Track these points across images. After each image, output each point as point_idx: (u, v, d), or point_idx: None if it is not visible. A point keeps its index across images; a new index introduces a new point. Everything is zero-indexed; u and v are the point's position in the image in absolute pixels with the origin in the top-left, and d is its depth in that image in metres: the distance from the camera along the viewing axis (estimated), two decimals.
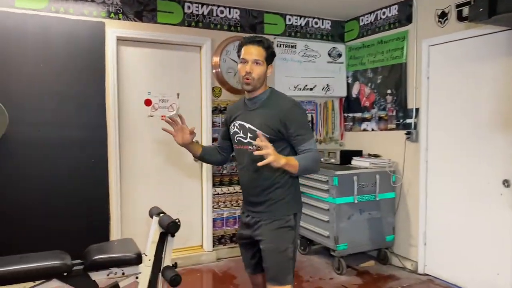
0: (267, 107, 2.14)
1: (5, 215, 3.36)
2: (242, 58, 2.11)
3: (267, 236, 2.15)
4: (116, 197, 3.77)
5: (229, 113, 2.36)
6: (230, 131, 2.28)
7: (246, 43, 2.12)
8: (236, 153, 2.29)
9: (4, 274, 2.32)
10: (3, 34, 3.31)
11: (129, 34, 3.76)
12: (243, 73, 2.10)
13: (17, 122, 3.32)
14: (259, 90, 2.16)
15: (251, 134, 2.14)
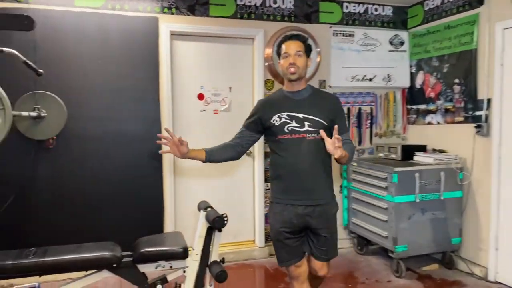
0: (317, 98, 2.36)
1: (64, 206, 3.54)
2: (284, 53, 2.30)
3: (327, 221, 2.35)
4: (170, 190, 3.82)
5: (264, 106, 2.42)
6: (271, 123, 2.32)
7: (285, 40, 2.32)
8: (283, 144, 2.31)
9: (58, 263, 2.42)
10: (64, 33, 3.46)
11: (182, 28, 3.78)
12: (287, 64, 2.27)
13: (76, 117, 3.48)
14: (302, 84, 2.35)
15: (310, 123, 2.28)
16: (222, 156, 2.44)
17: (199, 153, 2.37)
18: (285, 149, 2.31)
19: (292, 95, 2.35)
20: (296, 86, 2.33)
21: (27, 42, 3.28)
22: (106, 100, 3.59)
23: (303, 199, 2.29)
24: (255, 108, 2.47)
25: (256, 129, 2.43)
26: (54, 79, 3.43)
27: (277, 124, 2.31)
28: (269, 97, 2.52)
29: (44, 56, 3.40)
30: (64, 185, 3.52)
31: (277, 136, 2.32)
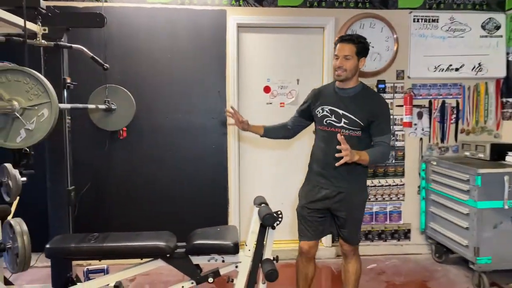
0: (361, 98, 2.50)
1: (134, 195, 3.73)
2: (335, 55, 2.49)
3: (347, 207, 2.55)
4: (234, 182, 3.82)
5: (315, 96, 2.66)
6: (315, 112, 2.61)
7: (339, 42, 2.49)
8: (321, 134, 2.59)
9: (115, 249, 2.53)
10: (136, 28, 3.62)
11: (249, 20, 3.72)
12: (335, 66, 2.47)
13: (146, 109, 3.64)
14: (351, 82, 2.51)
15: (347, 120, 2.47)
16: (277, 134, 2.89)
17: (258, 129, 2.85)
18: (321, 139, 2.59)
19: (339, 91, 2.55)
20: (345, 84, 2.51)
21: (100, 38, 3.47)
22: (174, 93, 3.69)
23: (328, 184, 2.56)
24: (308, 95, 2.73)
25: (305, 116, 2.73)
26: (126, 73, 3.62)
27: (319, 116, 2.58)
28: (322, 87, 2.73)
29: (118, 52, 3.60)
30: (134, 174, 3.71)
31: (318, 125, 2.62)
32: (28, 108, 1.75)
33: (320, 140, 2.62)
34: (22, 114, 1.76)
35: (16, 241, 2.86)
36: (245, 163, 3.92)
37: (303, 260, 2.76)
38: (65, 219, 3.09)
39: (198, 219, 3.69)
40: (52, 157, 3.05)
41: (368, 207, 3.95)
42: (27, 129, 1.76)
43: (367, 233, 3.99)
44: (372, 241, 4.00)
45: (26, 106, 1.75)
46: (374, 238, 4.00)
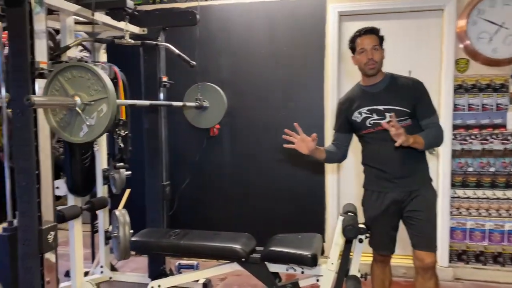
0: (395, 87, 2.35)
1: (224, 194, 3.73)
2: (360, 49, 2.32)
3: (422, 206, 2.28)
4: (332, 186, 3.52)
5: (345, 104, 2.46)
6: (353, 119, 2.39)
7: (359, 36, 2.33)
8: (369, 137, 2.38)
9: (190, 247, 2.50)
10: (233, 25, 3.58)
11: (352, 7, 3.38)
12: (365, 60, 2.30)
13: (240, 106, 3.59)
14: (379, 76, 2.36)
15: (390, 113, 2.25)
16: (334, 157, 2.58)
17: (321, 153, 2.49)
18: (371, 142, 2.39)
19: (369, 88, 2.38)
20: (373, 79, 2.36)
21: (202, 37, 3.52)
22: (269, 89, 3.56)
23: (393, 187, 2.31)
24: (337, 110, 2.55)
25: (348, 128, 2.49)
26: (223, 71, 3.63)
27: (359, 120, 2.37)
28: (348, 94, 2.52)
29: (216, 49, 3.62)
30: (226, 172, 3.70)
31: (361, 131, 2.39)
32: (89, 103, 1.78)
33: (369, 144, 2.42)
34: (84, 109, 1.79)
35: (119, 230, 3.07)
36: (346, 164, 3.57)
37: (379, 266, 2.54)
38: (159, 213, 3.20)
39: (290, 223, 3.51)
40: (148, 153, 3.19)
41: (480, 222, 3.29)
42: (88, 124, 1.79)
43: (479, 254, 3.29)
44: (484, 265, 3.29)
45: (86, 102, 1.77)
46: (488, 261, 3.28)
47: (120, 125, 2.92)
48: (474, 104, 3.23)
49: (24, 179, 1.96)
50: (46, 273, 2.05)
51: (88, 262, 3.54)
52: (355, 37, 2.37)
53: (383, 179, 2.35)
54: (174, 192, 3.67)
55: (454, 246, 3.35)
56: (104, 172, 3.19)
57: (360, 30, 2.37)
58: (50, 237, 2.03)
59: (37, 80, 1.93)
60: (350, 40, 2.40)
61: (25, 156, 1.94)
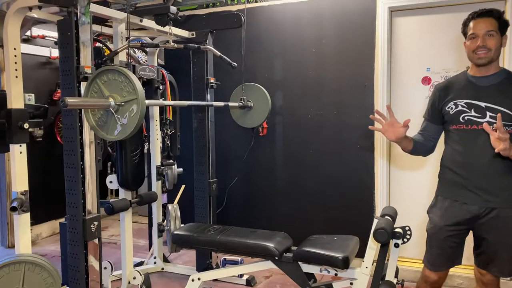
0: (508, 86, 2.00)
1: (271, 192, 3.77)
2: (471, 34, 2.00)
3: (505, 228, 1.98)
4: (382, 187, 3.38)
5: (442, 90, 2.15)
6: (446, 110, 2.10)
7: (474, 18, 2.01)
8: (457, 135, 2.08)
9: (227, 243, 2.57)
10: (282, 25, 3.61)
11: (404, 1, 3.22)
12: (474, 46, 1.98)
13: (288, 106, 3.62)
14: (493, 67, 2.02)
15: (494, 113, 1.96)
16: (422, 149, 2.23)
17: (409, 142, 2.17)
18: (457, 141, 2.08)
19: (476, 80, 2.05)
20: (484, 70, 2.02)
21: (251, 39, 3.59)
22: (317, 89, 3.53)
23: (474, 199, 2.01)
24: (432, 96, 2.22)
25: (440, 119, 2.17)
26: (272, 71, 3.68)
27: (452, 112, 2.07)
28: (449, 80, 2.21)
29: (265, 50, 3.68)
30: (272, 171, 3.73)
31: (450, 126, 2.10)
32: (121, 104, 1.92)
33: (455, 143, 2.09)
34: (117, 110, 1.94)
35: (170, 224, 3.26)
36: (396, 166, 3.43)
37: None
38: (206, 209, 3.34)
39: (337, 224, 3.46)
40: (196, 151, 3.33)
41: None
42: (122, 123, 1.93)
43: None
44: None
45: (119, 102, 1.92)
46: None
47: (167, 124, 3.10)
48: None
49: (70, 172, 2.18)
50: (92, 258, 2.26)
51: (146, 252, 3.80)
52: (468, 20, 2.06)
53: (460, 186, 2.05)
54: (224, 190, 3.80)
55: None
56: (158, 169, 3.41)
57: (475, 12, 2.04)
58: (94, 227, 2.22)
59: (82, 83, 2.13)
60: (463, 23, 2.08)
61: (71, 151, 2.16)
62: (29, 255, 2.36)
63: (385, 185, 3.39)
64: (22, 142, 2.37)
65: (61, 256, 2.86)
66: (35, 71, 4.26)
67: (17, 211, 2.34)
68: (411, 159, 3.34)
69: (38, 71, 4.30)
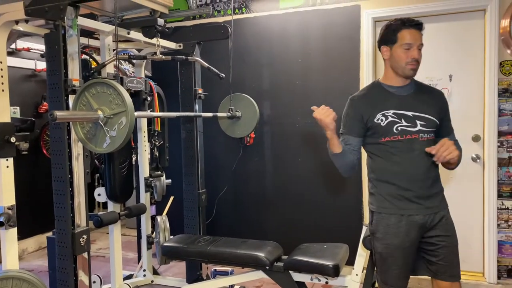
0: (424, 94, 2.07)
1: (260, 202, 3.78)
2: (406, 44, 1.97)
3: (450, 229, 2.01)
4: None
5: (362, 103, 2.07)
6: (375, 122, 1.99)
7: (407, 27, 1.98)
8: (392, 146, 1.99)
9: (217, 254, 2.57)
10: (269, 36, 3.65)
11: (387, 12, 3.30)
12: (409, 59, 1.97)
13: (276, 116, 3.65)
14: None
15: (422, 121, 1.99)
16: (349, 160, 2.06)
17: (339, 143, 2.05)
18: (393, 153, 1.99)
19: (395, 90, 2.04)
20: (402, 81, 2.04)
21: (239, 50, 3.62)
22: (305, 98, 3.56)
23: (418, 209, 1.96)
24: (351, 107, 2.11)
25: (362, 132, 2.07)
26: (259, 81, 3.71)
27: (383, 124, 1.99)
28: (364, 92, 2.14)
29: (251, 60, 3.70)
30: (260, 181, 3.74)
31: (382, 138, 2.00)
32: (110, 116, 1.92)
33: (391, 155, 1.99)
34: (106, 122, 1.93)
35: (159, 236, 3.24)
36: None
37: None
38: (195, 220, 3.33)
39: (327, 232, 3.48)
40: (185, 162, 3.33)
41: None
42: (111, 136, 1.93)
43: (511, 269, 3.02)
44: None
45: (108, 115, 1.92)
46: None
47: (155, 135, 3.10)
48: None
49: (59, 186, 2.16)
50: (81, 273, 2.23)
51: (135, 265, 3.76)
52: (398, 27, 1.99)
53: (403, 199, 1.97)
54: (213, 200, 3.80)
55: (502, 262, 3.11)
56: (146, 180, 3.39)
57: (405, 20, 1.99)
58: (83, 240, 2.19)
59: (70, 96, 2.12)
60: (389, 28, 2.03)
61: (60, 165, 2.14)
62: (17, 270, 2.32)
63: None
64: (9, 156, 2.35)
65: (48, 271, 2.81)
66: (20, 84, 4.22)
67: (4, 226, 2.31)
68: None
69: (23, 84, 4.26)
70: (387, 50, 2.03)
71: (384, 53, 2.05)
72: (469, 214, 3.25)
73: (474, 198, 3.25)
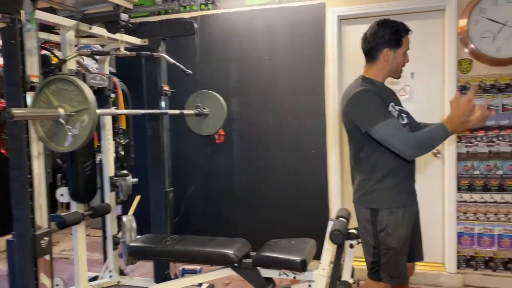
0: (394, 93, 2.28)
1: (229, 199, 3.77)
2: (407, 49, 2.12)
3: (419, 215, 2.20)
4: (336, 191, 3.48)
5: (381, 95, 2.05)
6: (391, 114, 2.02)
7: (408, 33, 2.10)
8: None
9: (184, 253, 2.54)
10: (236, 33, 3.64)
11: (352, 11, 3.36)
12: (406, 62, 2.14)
13: (244, 113, 3.65)
14: None
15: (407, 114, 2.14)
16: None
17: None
18: None
19: (388, 88, 2.20)
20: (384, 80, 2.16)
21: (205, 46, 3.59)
22: (271, 96, 3.58)
23: (415, 198, 2.15)
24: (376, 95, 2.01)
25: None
26: (226, 78, 3.70)
27: (395, 115, 2.04)
28: (370, 86, 2.06)
29: (219, 57, 3.68)
30: (230, 178, 3.74)
31: None
32: (72, 114, 1.86)
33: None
34: (68, 120, 1.87)
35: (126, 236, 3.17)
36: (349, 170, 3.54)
37: None
38: (163, 219, 3.28)
39: (295, 227, 3.52)
40: (151, 161, 3.27)
41: (488, 227, 3.18)
42: (73, 134, 1.87)
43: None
44: (494, 271, 3.17)
45: (69, 113, 1.86)
46: (498, 267, 3.16)
47: (120, 133, 3.03)
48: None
49: (17, 186, 2.07)
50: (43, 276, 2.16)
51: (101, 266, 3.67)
52: (405, 33, 2.08)
53: (406, 190, 2.07)
54: (181, 199, 3.76)
55: (462, 252, 3.25)
56: (111, 179, 3.31)
57: (406, 25, 2.10)
58: (44, 242, 2.12)
59: (29, 93, 2.04)
60: (397, 33, 2.05)
61: (18, 164, 2.06)
62: None
63: (338, 188, 3.49)
64: None
65: (8, 275, 2.70)
66: None
67: None
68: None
69: None
70: (390, 53, 2.06)
71: (384, 56, 2.06)
72: (430, 207, 3.36)
73: (434, 192, 3.37)
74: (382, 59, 2.08)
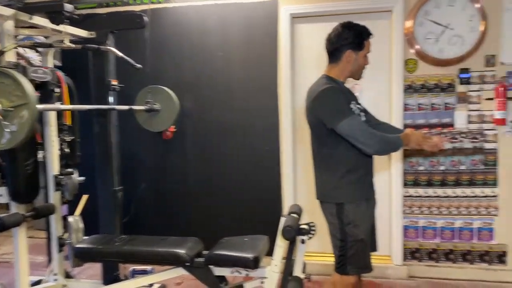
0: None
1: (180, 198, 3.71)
2: (368, 52, 2.19)
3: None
4: (288, 188, 3.52)
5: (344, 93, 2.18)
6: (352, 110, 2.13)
7: (370, 37, 2.19)
8: None
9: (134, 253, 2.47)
10: (189, 28, 3.58)
11: (304, 9, 3.41)
12: (367, 64, 2.22)
13: (195, 109, 3.60)
14: None
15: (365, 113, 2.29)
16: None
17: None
18: None
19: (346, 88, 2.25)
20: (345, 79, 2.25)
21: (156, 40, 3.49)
22: (224, 92, 3.56)
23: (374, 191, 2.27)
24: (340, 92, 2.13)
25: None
26: (178, 73, 3.62)
27: (357, 113, 2.16)
28: (333, 84, 2.15)
29: (171, 52, 3.60)
30: (182, 176, 3.68)
31: None
32: (10, 109, 1.74)
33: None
34: (6, 116, 1.76)
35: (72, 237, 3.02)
36: (302, 166, 3.59)
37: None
38: (111, 219, 3.17)
39: (249, 224, 3.52)
40: (98, 158, 3.15)
41: (432, 220, 3.34)
42: (11, 130, 1.76)
43: (448, 253, 3.33)
44: (454, 263, 3.33)
45: (6, 108, 1.74)
46: (458, 259, 3.32)
47: (64, 130, 2.89)
48: (423, 104, 3.29)
49: None
50: None
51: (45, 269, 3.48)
52: (366, 35, 2.17)
53: (367, 184, 2.22)
54: (131, 198, 3.65)
55: (407, 245, 3.39)
56: (56, 178, 3.14)
57: (369, 31, 2.19)
58: None
59: None
60: (360, 36, 2.14)
61: None
62: None
63: (291, 184, 3.53)
64: None
65: None
66: None
67: None
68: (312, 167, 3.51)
69: None
70: (352, 54, 2.14)
71: (347, 57, 2.14)
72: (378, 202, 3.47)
73: (382, 187, 3.48)
74: (344, 60, 2.15)
